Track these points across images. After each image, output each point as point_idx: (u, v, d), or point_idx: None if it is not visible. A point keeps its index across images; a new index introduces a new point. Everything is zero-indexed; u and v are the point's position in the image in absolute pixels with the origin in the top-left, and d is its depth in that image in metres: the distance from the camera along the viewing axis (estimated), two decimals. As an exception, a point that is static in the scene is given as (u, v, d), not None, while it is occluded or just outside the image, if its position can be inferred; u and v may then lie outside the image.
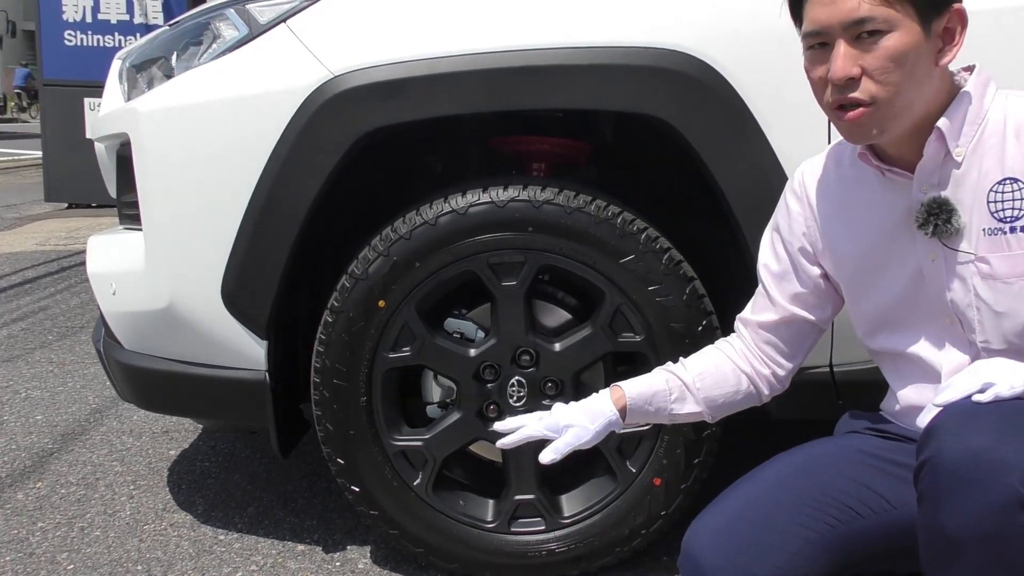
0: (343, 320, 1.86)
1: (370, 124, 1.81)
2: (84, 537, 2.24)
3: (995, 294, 1.28)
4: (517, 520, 1.95)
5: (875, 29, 1.23)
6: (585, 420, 1.49)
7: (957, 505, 1.11)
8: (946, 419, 1.17)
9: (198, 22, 2.03)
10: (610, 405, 1.50)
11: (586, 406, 1.52)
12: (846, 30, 1.24)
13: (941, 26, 1.26)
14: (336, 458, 1.94)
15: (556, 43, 1.78)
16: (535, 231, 1.82)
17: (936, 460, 1.14)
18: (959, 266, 1.30)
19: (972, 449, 1.11)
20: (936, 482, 1.14)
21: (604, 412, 1.50)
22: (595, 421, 1.49)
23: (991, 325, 1.30)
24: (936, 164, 1.30)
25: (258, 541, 2.21)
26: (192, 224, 1.90)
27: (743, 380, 1.55)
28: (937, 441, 1.15)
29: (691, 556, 1.35)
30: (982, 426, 1.13)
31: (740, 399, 1.55)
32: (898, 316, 1.40)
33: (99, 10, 7.07)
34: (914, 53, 1.24)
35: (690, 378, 1.54)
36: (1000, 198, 1.27)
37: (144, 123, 1.92)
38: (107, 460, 2.71)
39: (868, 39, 1.24)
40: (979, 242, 1.28)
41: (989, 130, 1.28)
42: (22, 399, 3.24)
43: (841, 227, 1.45)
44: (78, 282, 4.95)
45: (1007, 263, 1.27)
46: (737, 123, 1.75)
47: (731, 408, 1.57)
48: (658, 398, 1.53)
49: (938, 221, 1.28)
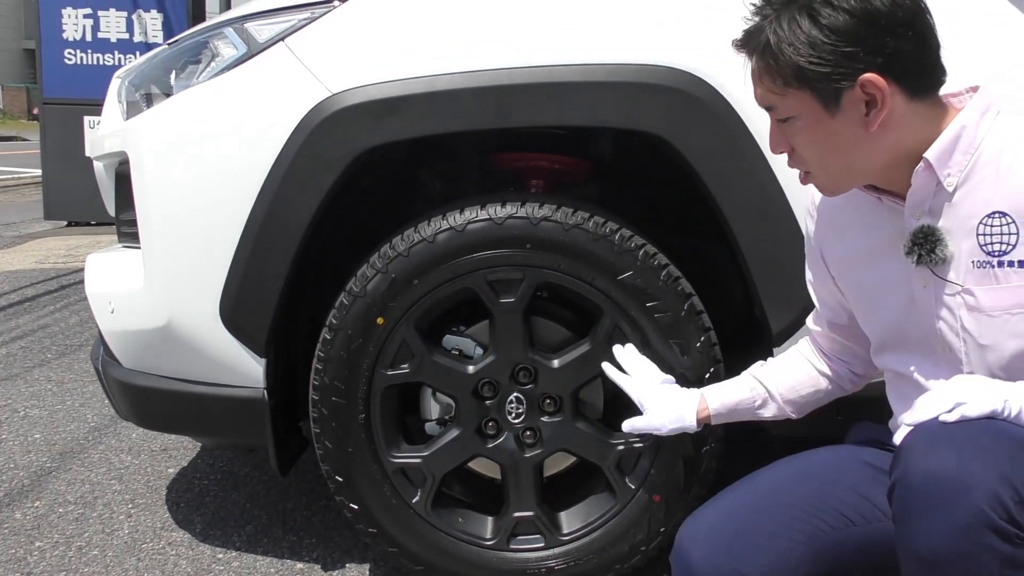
0: (341, 337, 1.86)
1: (368, 142, 1.82)
2: (82, 556, 2.23)
3: (979, 327, 1.28)
4: (516, 537, 1.95)
5: (783, 117, 1.29)
6: (666, 420, 1.63)
7: (926, 526, 1.11)
8: (914, 440, 1.17)
9: (197, 41, 2.04)
10: (693, 415, 1.61)
11: (674, 406, 1.63)
12: (767, 111, 1.31)
13: (855, 97, 1.24)
14: (335, 476, 1.94)
15: (554, 61, 1.79)
16: (533, 248, 1.82)
17: (904, 481, 1.15)
18: (947, 296, 1.30)
19: (936, 469, 1.11)
20: (905, 503, 1.14)
21: (685, 420, 1.62)
22: (674, 424, 1.63)
23: (976, 357, 1.29)
24: (927, 193, 1.29)
25: (257, 560, 2.21)
26: (190, 242, 1.91)
27: (822, 381, 1.61)
28: (905, 462, 1.16)
29: (682, 551, 1.38)
30: (947, 446, 1.13)
31: (823, 396, 1.63)
32: (897, 338, 1.40)
33: (99, 29, 7.10)
34: (824, 134, 1.26)
35: (773, 385, 1.61)
36: (989, 231, 1.25)
37: (143, 142, 1.93)
38: (105, 479, 2.70)
39: (784, 123, 1.29)
40: (967, 274, 1.27)
41: (983, 159, 1.26)
42: (20, 417, 3.23)
43: (844, 248, 1.46)
44: (77, 300, 4.95)
45: (992, 296, 1.26)
46: (735, 140, 1.76)
47: (817, 404, 1.64)
48: (742, 406, 1.62)
49: (922, 251, 1.28)
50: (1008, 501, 1.08)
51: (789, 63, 1.23)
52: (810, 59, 1.22)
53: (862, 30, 1.21)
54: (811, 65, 1.22)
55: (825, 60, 1.22)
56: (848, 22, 1.21)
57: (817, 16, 1.21)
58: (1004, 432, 1.14)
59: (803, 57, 1.22)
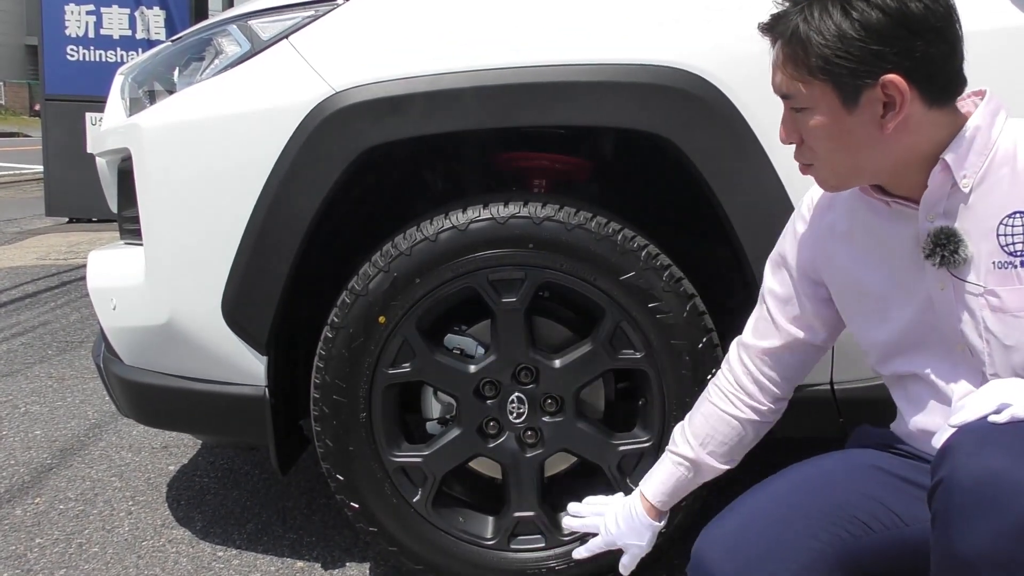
0: (343, 336, 1.86)
1: (371, 140, 1.81)
2: (82, 553, 2.23)
3: (1005, 327, 1.26)
4: (517, 537, 1.95)
5: (798, 107, 1.27)
6: (636, 539, 1.64)
7: (971, 527, 1.09)
8: (962, 439, 1.14)
9: (200, 38, 2.04)
10: (648, 519, 1.64)
11: (632, 524, 1.64)
12: (783, 98, 1.30)
13: (874, 97, 1.23)
14: (335, 474, 1.93)
15: (557, 60, 1.79)
16: (535, 248, 1.82)
17: (951, 480, 1.12)
18: (968, 297, 1.28)
19: (988, 470, 1.08)
20: (950, 503, 1.11)
21: (649, 526, 1.64)
22: (644, 537, 1.64)
23: (1000, 358, 1.28)
24: (942, 195, 1.28)
25: (257, 558, 2.21)
26: (193, 239, 1.91)
27: (747, 427, 1.58)
28: (952, 461, 1.13)
29: (701, 563, 1.36)
30: (999, 447, 1.10)
31: (751, 439, 1.60)
32: (910, 342, 1.38)
33: (101, 25, 7.10)
34: (835, 131, 1.25)
35: (694, 452, 1.59)
36: (1011, 231, 1.25)
37: (146, 138, 1.93)
38: (106, 476, 2.70)
39: (799, 113, 1.28)
40: (988, 275, 1.26)
41: (998, 161, 1.26)
42: (21, 414, 3.23)
43: (848, 255, 1.43)
44: (78, 297, 4.95)
45: (1017, 296, 1.25)
46: (738, 141, 1.76)
47: (747, 448, 1.62)
48: (679, 485, 1.62)
49: (945, 252, 1.27)
50: None
51: (815, 53, 1.22)
52: (837, 52, 1.21)
53: (893, 30, 1.20)
54: (837, 59, 1.21)
55: (852, 55, 1.21)
56: (880, 20, 1.20)
57: (850, 10, 1.20)
58: None
59: (830, 49, 1.21)
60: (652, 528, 1.64)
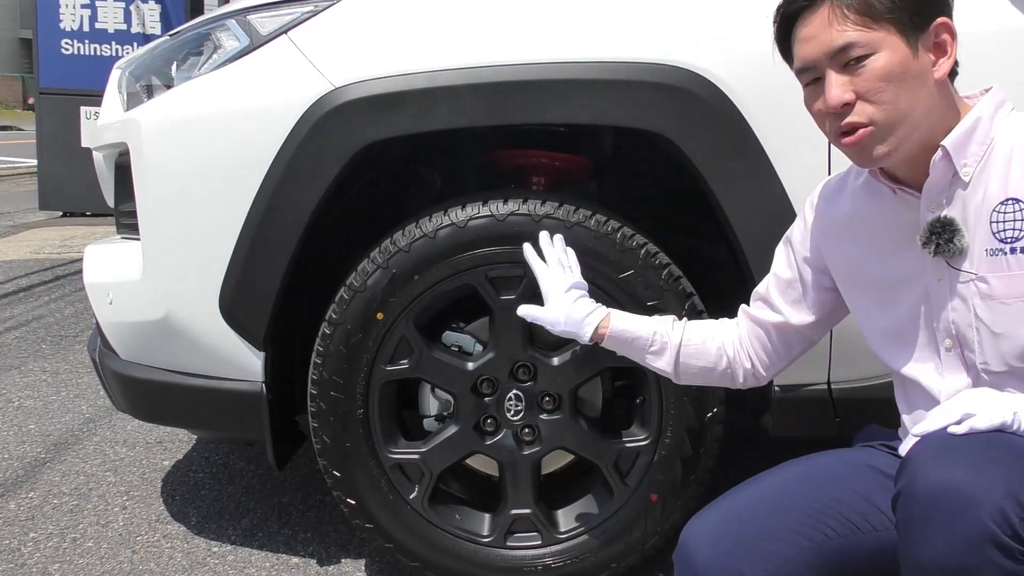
0: (341, 332, 1.86)
1: (370, 136, 1.81)
2: (76, 548, 2.23)
3: (993, 315, 1.28)
4: (513, 534, 1.95)
5: (860, 55, 1.26)
6: (563, 317, 1.62)
7: (928, 537, 1.11)
8: (921, 450, 1.17)
9: (199, 32, 2.03)
10: (591, 326, 1.61)
11: (577, 309, 1.62)
12: (833, 59, 1.27)
13: (930, 41, 1.27)
14: (332, 471, 1.93)
15: (556, 58, 1.79)
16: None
17: (908, 491, 1.14)
18: (960, 285, 1.30)
19: (943, 482, 1.11)
20: (909, 513, 1.14)
21: (583, 326, 1.61)
22: (569, 325, 1.62)
23: (990, 346, 1.29)
24: (944, 183, 1.30)
25: (252, 554, 2.20)
26: (190, 234, 1.90)
27: (723, 361, 1.60)
28: (911, 472, 1.15)
29: (685, 550, 1.37)
30: (955, 458, 1.12)
31: (715, 376, 1.62)
32: (904, 334, 1.39)
33: (96, 19, 7.07)
34: (901, 70, 1.25)
35: (677, 341, 1.60)
36: (1002, 218, 1.26)
37: (143, 133, 1.92)
38: (100, 470, 2.70)
39: (855, 65, 1.27)
40: (980, 262, 1.28)
41: (997, 151, 1.28)
42: (15, 408, 3.22)
43: (853, 242, 1.45)
44: (72, 291, 4.94)
45: (1006, 283, 1.26)
46: (737, 139, 1.76)
47: (702, 381, 1.64)
48: (638, 343, 1.61)
49: (940, 240, 1.28)
50: (1013, 517, 1.07)
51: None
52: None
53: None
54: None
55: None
56: None
57: None
58: (1012, 446, 1.14)
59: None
60: (578, 336, 1.62)
